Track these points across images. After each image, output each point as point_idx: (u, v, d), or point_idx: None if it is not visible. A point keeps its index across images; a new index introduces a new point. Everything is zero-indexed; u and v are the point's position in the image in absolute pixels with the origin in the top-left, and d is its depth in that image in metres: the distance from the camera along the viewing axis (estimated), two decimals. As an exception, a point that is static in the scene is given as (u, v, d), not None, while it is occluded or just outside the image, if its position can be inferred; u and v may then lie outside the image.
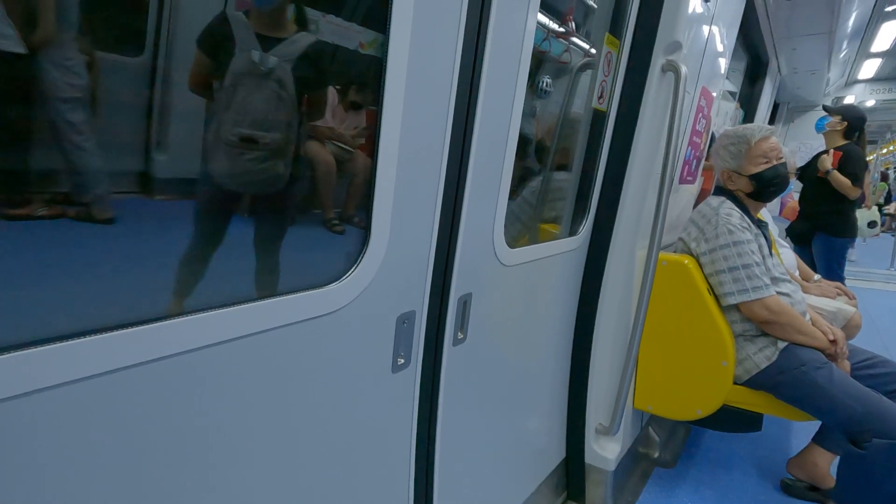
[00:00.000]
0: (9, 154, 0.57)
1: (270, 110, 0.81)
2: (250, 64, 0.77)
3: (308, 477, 0.87)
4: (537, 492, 1.68)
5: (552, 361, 1.67)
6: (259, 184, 0.85)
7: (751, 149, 1.77)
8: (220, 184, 0.81)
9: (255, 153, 0.81)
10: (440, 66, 0.90)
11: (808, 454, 1.97)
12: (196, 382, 0.67)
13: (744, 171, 1.79)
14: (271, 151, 0.83)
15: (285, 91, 0.81)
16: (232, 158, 0.78)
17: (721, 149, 1.84)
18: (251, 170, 0.81)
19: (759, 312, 1.66)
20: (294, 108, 0.83)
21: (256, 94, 0.79)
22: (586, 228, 1.65)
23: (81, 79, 0.60)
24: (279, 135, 0.84)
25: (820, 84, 4.70)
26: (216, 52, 0.73)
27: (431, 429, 1.13)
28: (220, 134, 0.77)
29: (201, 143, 0.76)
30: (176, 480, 0.68)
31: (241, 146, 0.79)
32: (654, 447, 2.17)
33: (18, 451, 0.52)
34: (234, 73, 0.76)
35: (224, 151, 0.78)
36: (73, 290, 0.61)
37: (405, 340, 0.99)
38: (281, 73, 0.80)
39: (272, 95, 0.80)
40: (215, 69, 0.74)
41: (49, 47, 0.58)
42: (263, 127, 0.81)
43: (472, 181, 1.04)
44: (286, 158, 0.85)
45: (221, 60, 0.74)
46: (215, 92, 0.75)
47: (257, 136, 0.80)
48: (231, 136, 0.77)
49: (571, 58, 1.56)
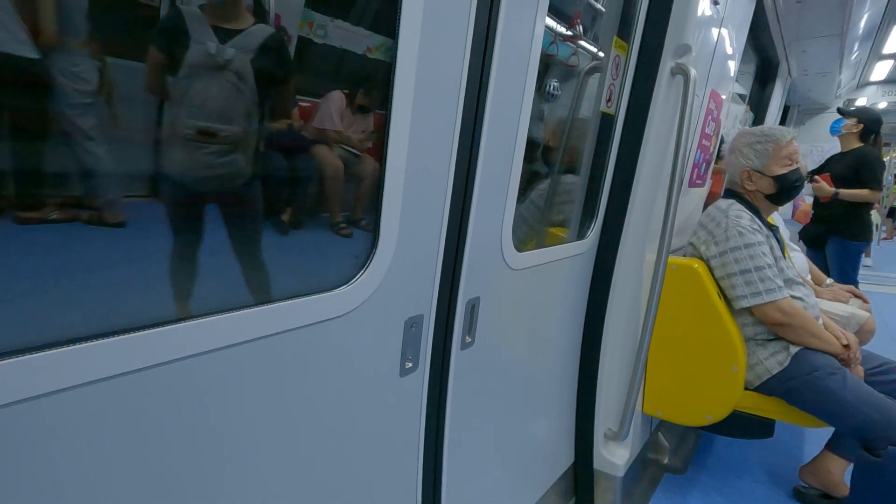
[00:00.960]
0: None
1: (228, 103, 0.79)
2: (206, 56, 0.75)
3: (316, 480, 0.87)
4: (545, 497, 1.67)
5: (560, 366, 1.66)
6: (220, 179, 0.82)
7: (779, 149, 1.75)
8: (178, 179, 0.78)
9: (213, 147, 0.78)
10: (448, 70, 0.90)
11: (822, 461, 1.94)
12: (206, 385, 0.67)
13: (768, 172, 1.77)
14: (230, 145, 0.80)
15: (244, 83, 0.79)
16: (188, 152, 0.76)
17: (744, 147, 1.81)
18: (210, 164, 0.79)
19: (772, 315, 1.64)
20: (254, 101, 0.81)
21: (213, 86, 0.77)
22: (595, 232, 1.64)
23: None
24: (238, 128, 0.82)
25: (831, 86, 4.66)
26: (171, 47, 0.71)
27: (439, 433, 1.13)
28: (175, 128, 0.75)
29: (155, 137, 0.74)
30: (187, 481, 0.68)
31: (197, 139, 0.76)
32: (663, 453, 2.15)
33: (33, 453, 0.53)
34: (190, 66, 0.74)
35: (180, 145, 0.75)
36: (84, 294, 0.61)
37: (413, 344, 0.99)
38: (239, 65, 0.78)
39: (230, 88, 0.79)
40: (170, 65, 0.71)
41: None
42: (221, 120, 0.78)
43: (480, 185, 1.03)
44: (247, 153, 0.83)
45: (177, 55, 0.72)
46: (170, 87, 0.72)
47: (214, 129, 0.78)
48: (187, 129, 0.75)
49: (579, 61, 1.56)
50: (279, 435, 0.79)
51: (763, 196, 1.81)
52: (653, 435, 2.12)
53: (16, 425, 0.51)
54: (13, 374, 0.50)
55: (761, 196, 1.81)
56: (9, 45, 0.54)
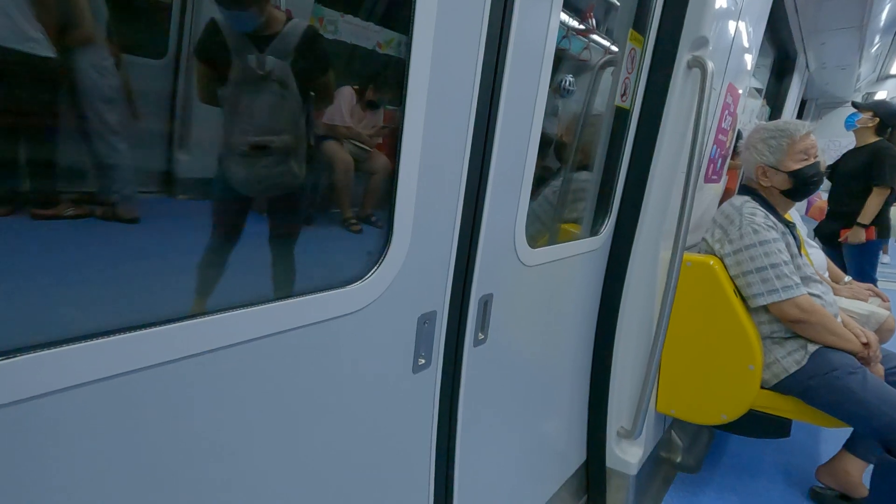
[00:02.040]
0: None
1: (276, 113, 0.80)
2: (249, 69, 0.76)
3: (329, 474, 0.87)
4: (557, 495, 1.66)
5: (573, 363, 1.65)
6: (276, 187, 0.84)
7: (794, 144, 1.71)
8: (237, 189, 0.81)
9: (269, 158, 0.80)
10: (462, 66, 0.89)
11: (840, 462, 1.91)
12: (220, 381, 0.67)
13: (783, 167, 1.73)
14: (284, 154, 0.82)
15: (288, 90, 0.80)
16: (247, 166, 0.78)
17: (759, 142, 1.78)
18: (267, 175, 0.81)
19: (790, 312, 1.61)
20: (300, 104, 0.82)
21: (260, 98, 0.78)
22: (608, 228, 1.62)
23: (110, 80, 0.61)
24: (289, 136, 0.84)
25: (850, 80, 4.55)
26: (214, 60, 0.72)
27: (452, 429, 1.13)
28: (231, 144, 0.77)
29: (216, 149, 0.76)
30: (203, 474, 0.68)
31: (253, 154, 0.78)
32: (677, 452, 2.13)
33: (46, 449, 0.53)
34: (236, 81, 0.75)
35: (238, 159, 0.78)
36: (98, 290, 0.62)
37: (426, 341, 0.99)
38: (281, 71, 0.79)
39: (275, 97, 0.80)
40: (218, 77, 0.73)
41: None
42: (272, 131, 0.80)
43: (494, 181, 1.03)
44: (300, 158, 0.84)
45: (221, 68, 0.73)
46: (222, 101, 0.74)
47: (267, 142, 0.79)
48: (242, 146, 0.77)
49: (591, 55, 1.54)
50: (294, 430, 0.79)
51: (779, 192, 1.77)
52: (666, 433, 2.10)
53: (30, 421, 0.52)
54: (25, 371, 0.50)
55: (777, 192, 1.78)
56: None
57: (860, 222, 3.12)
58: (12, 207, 0.56)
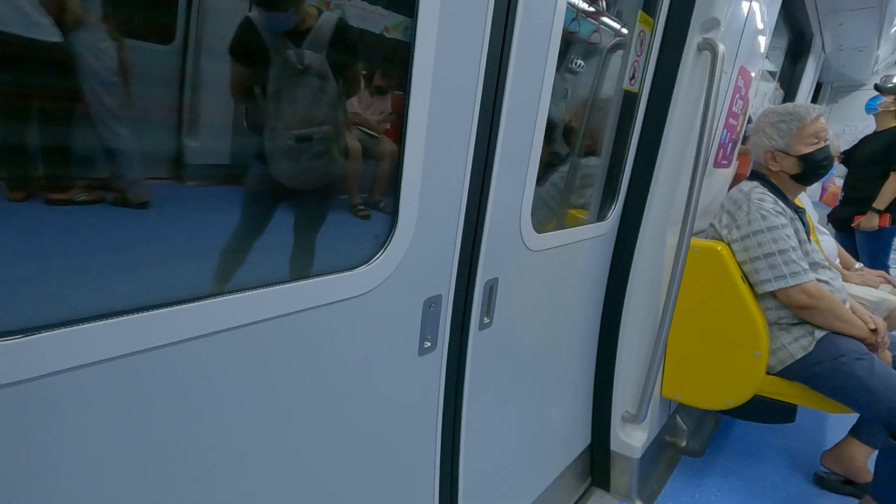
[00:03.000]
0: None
1: (316, 105, 0.82)
2: (287, 65, 0.77)
3: (335, 454, 0.90)
4: (561, 477, 1.68)
5: (578, 347, 1.66)
6: (321, 177, 0.87)
7: (804, 128, 1.68)
8: (282, 181, 0.83)
9: (314, 150, 0.82)
10: (468, 49, 0.88)
11: (845, 447, 1.91)
12: (228, 362, 0.69)
13: (792, 151, 1.71)
14: (327, 145, 0.84)
15: (327, 81, 0.81)
16: (292, 159, 0.80)
17: (768, 126, 1.75)
18: (313, 167, 0.83)
19: (797, 298, 1.60)
20: (336, 94, 0.83)
21: (300, 93, 0.79)
22: (615, 213, 1.62)
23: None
24: (330, 127, 0.85)
25: (868, 62, 4.43)
26: (250, 58, 0.73)
27: (457, 412, 1.15)
28: (275, 138, 0.78)
29: (258, 145, 0.78)
30: (206, 455, 0.70)
31: (299, 147, 0.80)
32: (681, 436, 2.14)
33: (53, 428, 0.55)
34: (275, 77, 0.76)
35: (283, 153, 0.80)
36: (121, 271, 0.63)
37: (432, 324, 1.00)
38: (318, 64, 0.80)
39: (315, 90, 0.81)
40: (253, 75, 0.74)
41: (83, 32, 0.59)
42: (313, 124, 0.82)
43: (500, 165, 1.03)
44: (341, 146, 0.86)
45: (257, 66, 0.74)
46: (259, 98, 0.75)
47: (310, 134, 0.81)
48: (287, 140, 0.79)
49: (601, 38, 1.52)
50: (301, 411, 0.81)
51: (788, 177, 1.75)
52: (671, 418, 2.11)
53: (48, 397, 0.54)
54: (43, 348, 0.52)
55: (786, 177, 1.76)
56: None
57: (875, 208, 3.07)
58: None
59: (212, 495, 0.72)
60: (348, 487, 0.93)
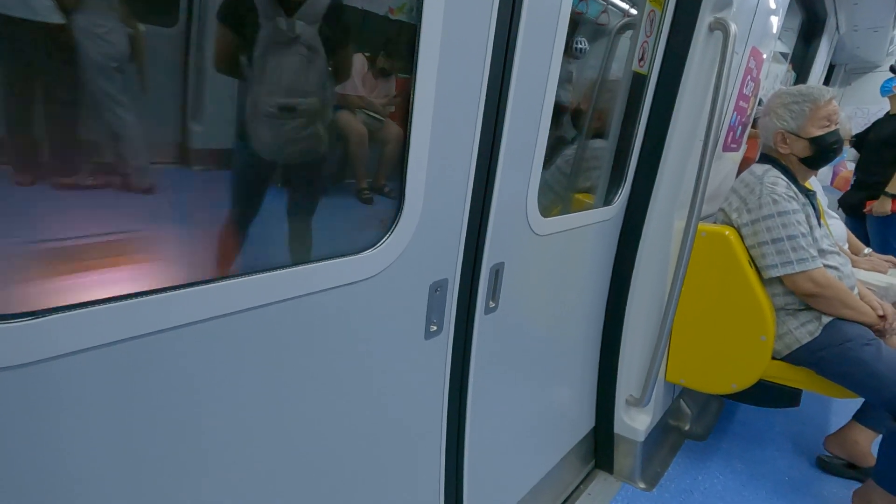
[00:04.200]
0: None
1: (304, 76, 0.80)
2: (277, 32, 0.75)
3: (341, 438, 0.91)
4: (565, 459, 1.70)
5: (583, 331, 1.66)
6: (301, 153, 0.85)
7: (817, 110, 1.65)
8: (262, 154, 0.81)
9: (297, 121, 0.80)
10: (475, 30, 0.87)
11: (849, 431, 1.92)
12: (236, 345, 0.70)
13: (804, 134, 1.68)
14: (310, 117, 0.82)
15: (317, 54, 0.80)
16: (273, 129, 0.78)
17: (780, 108, 1.72)
18: (295, 138, 0.81)
19: (803, 285, 1.59)
20: (325, 70, 0.82)
21: (288, 61, 0.78)
22: (622, 197, 1.60)
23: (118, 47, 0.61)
24: (316, 99, 0.84)
25: (883, 43, 4.33)
26: (240, 24, 0.71)
27: (462, 395, 1.16)
28: (257, 106, 0.77)
29: (238, 115, 0.76)
30: (216, 436, 0.72)
31: (280, 116, 0.78)
32: (685, 420, 2.16)
33: (57, 410, 0.56)
34: (263, 43, 0.75)
35: (264, 122, 0.78)
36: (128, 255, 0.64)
37: (438, 308, 1.00)
38: (309, 36, 0.78)
39: (303, 61, 0.79)
40: (241, 43, 0.72)
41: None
42: (300, 94, 0.80)
43: (506, 149, 1.02)
44: (325, 122, 0.84)
45: (247, 32, 0.72)
46: (244, 66, 0.74)
47: (295, 104, 0.79)
48: (269, 107, 0.77)
49: (609, 19, 1.49)
50: (308, 393, 0.82)
51: (798, 160, 1.73)
52: (675, 402, 2.12)
53: (63, 374, 0.54)
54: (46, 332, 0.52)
55: (796, 160, 1.73)
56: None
57: (888, 192, 3.02)
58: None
59: (218, 477, 0.73)
60: (355, 469, 0.95)
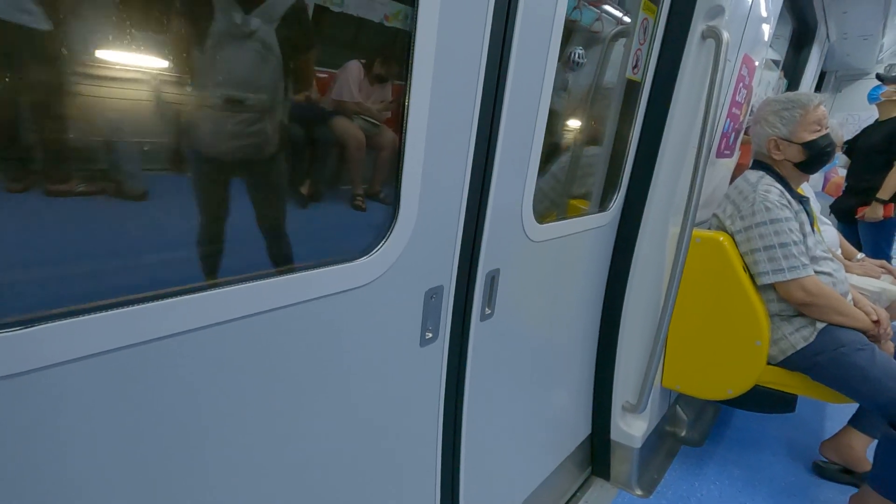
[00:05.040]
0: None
1: (254, 72, 0.79)
2: (232, 27, 0.74)
3: (336, 446, 0.90)
4: (561, 467, 1.70)
5: (579, 338, 1.66)
6: (247, 148, 0.81)
7: (807, 115, 1.68)
8: (205, 150, 0.77)
9: (241, 116, 0.79)
10: (469, 38, 0.87)
11: (844, 436, 1.92)
12: (228, 353, 0.69)
13: (796, 139, 1.70)
14: (258, 114, 0.81)
15: (270, 53, 0.79)
16: (215, 122, 0.75)
17: (770, 115, 1.74)
18: (239, 133, 0.78)
19: (795, 293, 1.60)
20: (280, 70, 0.80)
21: (239, 56, 0.77)
22: (617, 204, 1.61)
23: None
24: (265, 97, 0.81)
25: (872, 50, 4.39)
26: (195, 18, 0.69)
27: (458, 402, 1.15)
28: (202, 98, 0.74)
29: (182, 107, 0.73)
30: (209, 445, 0.71)
31: (224, 108, 0.76)
32: (681, 426, 2.15)
33: (54, 419, 0.55)
34: (216, 36, 0.73)
35: (206, 115, 0.75)
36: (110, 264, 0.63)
37: (433, 315, 1.00)
38: (264, 34, 0.77)
39: (255, 57, 0.78)
40: (196, 36, 0.70)
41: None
42: (248, 89, 0.79)
43: (501, 156, 1.02)
44: (274, 122, 0.82)
45: (201, 26, 0.70)
46: (196, 58, 0.73)
47: (242, 97, 0.77)
48: (214, 98, 0.75)
49: (603, 27, 1.50)
50: (302, 401, 0.81)
51: (792, 165, 1.74)
52: (671, 408, 2.12)
53: (44, 390, 0.54)
54: (41, 341, 0.52)
55: (790, 166, 1.74)
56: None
57: (879, 198, 3.05)
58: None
59: (212, 486, 0.72)
60: (351, 476, 0.94)
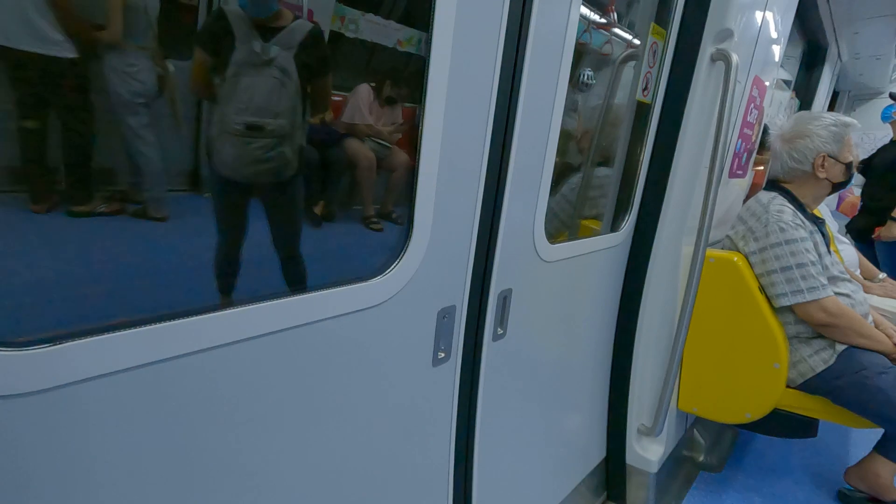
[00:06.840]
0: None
1: (273, 98, 0.82)
2: (252, 55, 0.78)
3: (348, 466, 0.90)
4: (576, 490, 1.66)
5: (593, 359, 1.64)
6: (267, 172, 0.85)
7: (849, 136, 1.70)
8: (228, 174, 0.82)
9: (262, 141, 0.81)
10: (482, 61, 0.90)
11: (869, 463, 1.85)
12: (245, 371, 0.70)
13: (842, 158, 1.69)
14: (278, 139, 0.83)
15: (288, 78, 0.81)
16: (237, 147, 0.79)
17: (821, 129, 1.70)
18: (259, 158, 0.82)
19: (815, 315, 1.57)
20: (298, 95, 0.83)
21: (259, 83, 0.79)
22: (629, 224, 1.61)
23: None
24: (285, 122, 0.85)
25: (885, 70, 4.38)
26: (217, 48, 0.73)
27: (471, 423, 1.14)
28: (224, 125, 0.78)
29: (204, 134, 0.77)
30: (226, 460, 0.71)
31: (246, 134, 0.79)
32: (699, 450, 2.10)
33: (83, 433, 0.56)
34: (237, 65, 0.76)
35: (228, 141, 0.79)
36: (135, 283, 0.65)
37: (446, 335, 1.00)
38: (283, 61, 0.80)
39: (275, 84, 0.81)
40: (218, 66, 0.74)
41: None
42: (267, 115, 0.81)
43: (513, 177, 1.03)
44: (293, 145, 0.86)
45: (223, 56, 0.74)
46: (218, 86, 0.75)
47: (262, 124, 0.80)
48: (235, 125, 0.78)
49: (613, 49, 1.52)
50: (316, 420, 0.82)
51: (830, 184, 1.73)
52: (688, 432, 2.07)
53: (73, 405, 0.55)
54: (70, 357, 0.53)
55: (816, 187, 1.73)
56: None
57: (895, 217, 3.01)
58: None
59: (230, 499, 0.72)
60: (363, 496, 0.93)
